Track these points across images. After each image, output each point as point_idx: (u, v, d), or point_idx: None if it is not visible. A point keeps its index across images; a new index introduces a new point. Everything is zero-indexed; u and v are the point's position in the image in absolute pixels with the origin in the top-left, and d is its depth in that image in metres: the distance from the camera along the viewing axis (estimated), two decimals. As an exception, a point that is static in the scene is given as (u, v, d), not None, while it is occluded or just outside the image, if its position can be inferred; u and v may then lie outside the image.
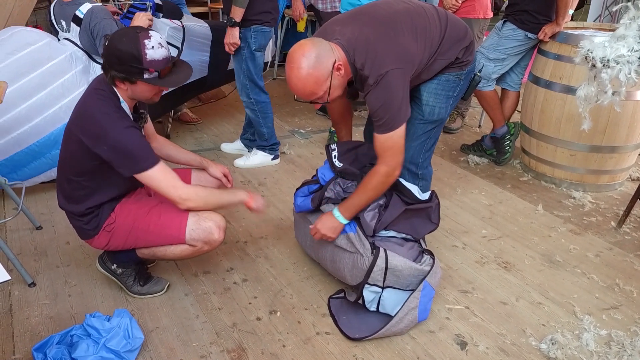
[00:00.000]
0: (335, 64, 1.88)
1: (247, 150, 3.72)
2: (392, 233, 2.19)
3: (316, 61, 1.84)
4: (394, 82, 1.92)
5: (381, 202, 2.17)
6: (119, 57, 1.87)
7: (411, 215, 2.20)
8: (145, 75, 1.90)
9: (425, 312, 2.09)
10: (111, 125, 1.88)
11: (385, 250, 2.05)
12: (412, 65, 1.99)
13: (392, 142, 1.98)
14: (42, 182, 3.06)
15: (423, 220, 2.24)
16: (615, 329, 2.12)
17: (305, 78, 1.85)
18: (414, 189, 2.22)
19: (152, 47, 1.88)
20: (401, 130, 1.98)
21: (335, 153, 2.30)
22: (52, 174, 3.00)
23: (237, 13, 3.04)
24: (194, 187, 2.06)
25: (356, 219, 2.15)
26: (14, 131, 2.83)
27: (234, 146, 3.86)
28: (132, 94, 1.97)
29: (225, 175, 2.38)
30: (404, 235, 2.19)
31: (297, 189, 2.41)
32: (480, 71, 3.31)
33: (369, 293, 2.09)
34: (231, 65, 3.84)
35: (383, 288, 2.07)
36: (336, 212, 2.11)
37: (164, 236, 2.07)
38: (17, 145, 2.86)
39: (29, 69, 2.85)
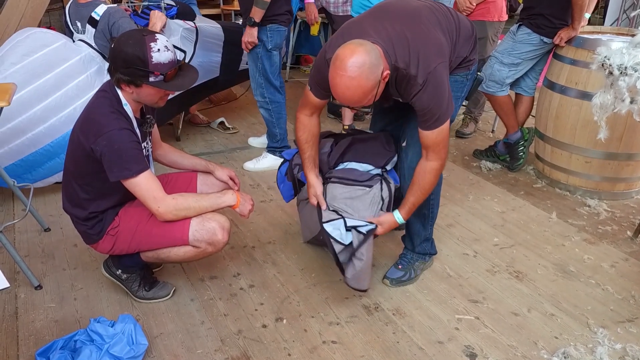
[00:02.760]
0: (384, 73, 1.82)
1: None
2: (353, 164, 2.30)
3: (369, 72, 1.75)
4: (441, 77, 1.92)
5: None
6: (125, 59, 1.86)
7: (363, 145, 2.33)
8: (151, 79, 1.89)
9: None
10: (107, 123, 1.88)
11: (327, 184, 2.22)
12: (448, 56, 2.00)
13: (442, 136, 2.00)
14: (57, 183, 3.05)
15: (378, 150, 2.34)
16: (630, 342, 2.06)
17: (355, 88, 1.76)
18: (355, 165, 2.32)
19: (158, 50, 1.87)
20: (448, 123, 2.00)
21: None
22: None
23: (258, 14, 3.08)
24: (176, 200, 1.98)
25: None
26: (29, 132, 2.86)
27: (261, 140, 3.89)
28: (137, 97, 1.96)
29: (231, 179, 2.35)
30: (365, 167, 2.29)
31: (277, 180, 2.54)
32: (480, 70, 3.27)
33: (332, 229, 2.10)
34: (242, 65, 3.85)
35: (342, 217, 2.13)
36: (397, 214, 2.17)
37: (167, 238, 2.05)
38: (32, 145, 2.89)
39: (44, 70, 2.88)
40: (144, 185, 1.92)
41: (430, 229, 2.40)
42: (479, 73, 2.28)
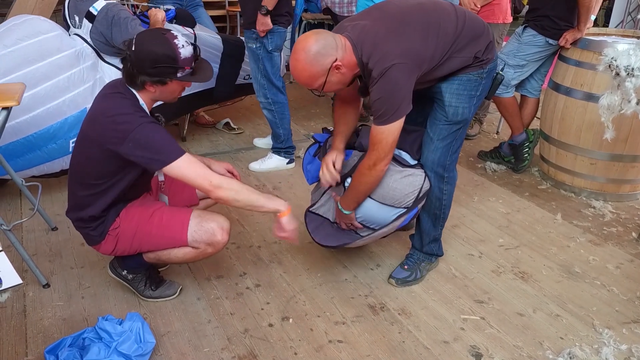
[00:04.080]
0: (334, 64, 1.91)
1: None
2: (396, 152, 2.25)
3: (313, 58, 1.89)
4: (397, 75, 1.92)
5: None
6: (154, 59, 1.87)
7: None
8: (179, 74, 1.92)
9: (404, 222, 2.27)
10: (135, 121, 1.87)
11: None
12: (420, 61, 1.97)
13: (383, 136, 1.99)
14: (33, 176, 2.98)
15: (411, 137, 2.31)
16: (636, 343, 2.06)
17: (301, 70, 1.93)
18: (403, 154, 2.29)
19: (182, 45, 1.91)
20: (395, 126, 1.97)
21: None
22: (45, 168, 2.95)
23: (271, 2, 3.12)
24: (225, 178, 1.98)
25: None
26: (13, 119, 2.70)
27: (266, 141, 3.90)
28: (160, 95, 1.98)
29: (230, 172, 2.30)
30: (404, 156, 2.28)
31: (303, 160, 2.54)
32: (502, 69, 3.26)
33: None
34: (240, 80, 3.83)
35: None
36: (339, 205, 2.25)
37: (166, 238, 2.05)
38: (14, 134, 2.77)
39: (36, 57, 2.80)
40: (190, 166, 1.90)
41: (439, 229, 2.41)
42: (500, 72, 2.25)
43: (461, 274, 2.49)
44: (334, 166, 2.26)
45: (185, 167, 1.90)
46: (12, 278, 1.26)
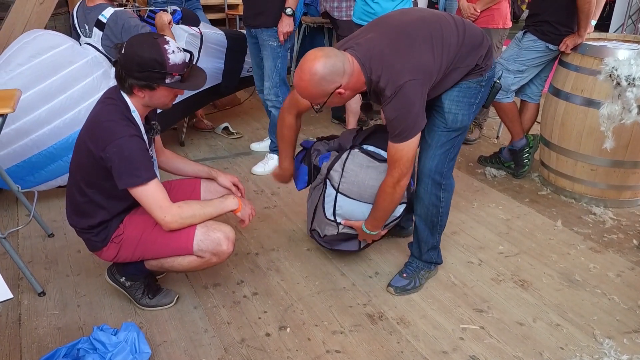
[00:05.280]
0: (337, 90, 1.91)
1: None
2: (372, 148, 2.34)
3: (317, 83, 1.87)
4: (411, 93, 1.92)
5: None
6: (140, 63, 1.85)
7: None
8: (167, 80, 1.90)
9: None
10: (117, 130, 1.87)
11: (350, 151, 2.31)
12: (430, 75, 1.97)
13: (403, 153, 1.99)
14: (59, 186, 3.06)
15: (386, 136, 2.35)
16: (637, 354, 2.04)
17: (303, 88, 1.93)
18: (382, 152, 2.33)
19: (173, 51, 1.89)
20: (413, 142, 1.98)
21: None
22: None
23: (294, 2, 3.19)
24: (181, 208, 1.98)
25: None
26: (33, 133, 2.85)
27: (263, 144, 3.91)
28: (150, 100, 1.96)
29: (235, 185, 2.34)
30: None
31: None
32: (499, 78, 3.24)
33: (327, 194, 2.33)
34: (244, 73, 3.86)
35: (337, 191, 2.30)
36: (364, 228, 2.29)
37: (171, 247, 2.04)
38: (35, 147, 2.87)
39: (50, 72, 2.87)
40: (152, 193, 1.91)
41: (437, 238, 2.39)
42: (497, 81, 2.24)
43: (460, 282, 2.47)
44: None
45: (149, 192, 1.91)
46: (2, 292, 1.24)
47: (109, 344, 1.84)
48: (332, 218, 2.36)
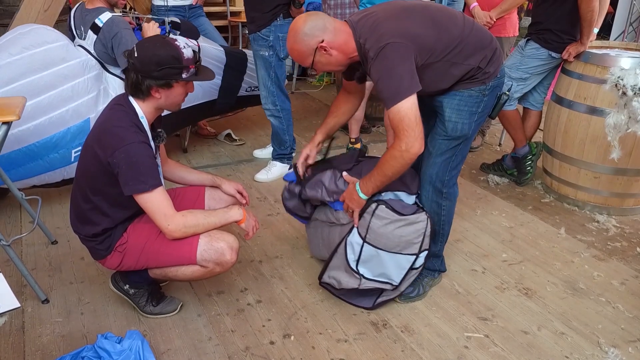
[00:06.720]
0: (320, 44, 1.97)
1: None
2: (389, 195, 2.21)
3: (300, 38, 1.98)
4: (391, 54, 1.91)
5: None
6: (159, 62, 1.89)
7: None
8: (184, 75, 1.94)
9: None
10: (126, 136, 1.89)
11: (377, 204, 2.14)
12: (418, 45, 1.94)
13: (400, 116, 1.90)
14: (34, 186, 2.99)
15: (408, 173, 2.23)
16: (642, 363, 2.04)
17: (290, 48, 2.04)
18: (401, 195, 2.24)
19: (183, 46, 1.94)
20: (409, 102, 1.89)
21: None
22: (46, 177, 2.95)
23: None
24: (185, 217, 1.98)
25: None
26: (15, 128, 2.70)
27: (266, 151, 3.91)
28: (165, 100, 1.98)
29: (239, 192, 2.35)
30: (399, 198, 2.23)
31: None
32: (509, 90, 3.23)
33: (353, 241, 2.18)
34: (242, 92, 3.84)
35: (364, 241, 2.16)
36: (357, 187, 2.11)
37: (175, 256, 2.04)
38: (16, 143, 2.76)
39: (41, 66, 2.81)
40: (157, 200, 1.91)
41: (440, 246, 2.38)
42: (506, 92, 2.22)
43: (464, 290, 2.47)
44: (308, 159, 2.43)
45: (154, 200, 1.92)
46: (9, 301, 1.23)
47: (114, 352, 1.83)
48: (355, 269, 2.22)
